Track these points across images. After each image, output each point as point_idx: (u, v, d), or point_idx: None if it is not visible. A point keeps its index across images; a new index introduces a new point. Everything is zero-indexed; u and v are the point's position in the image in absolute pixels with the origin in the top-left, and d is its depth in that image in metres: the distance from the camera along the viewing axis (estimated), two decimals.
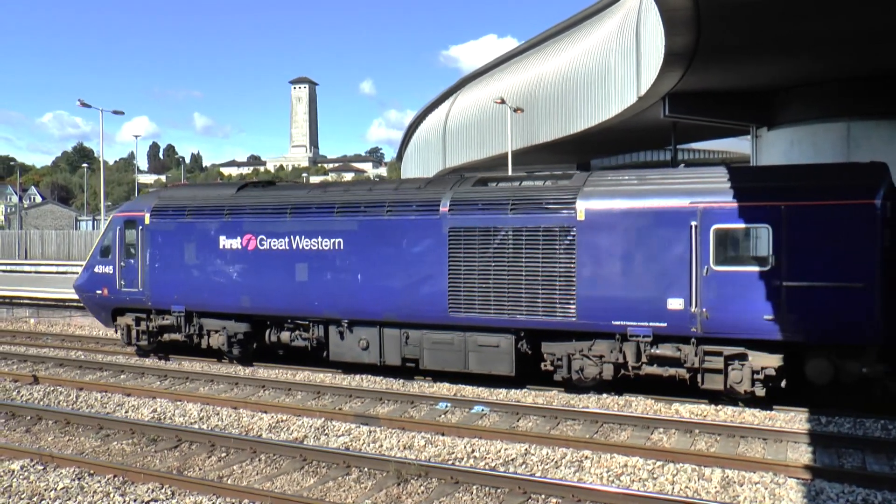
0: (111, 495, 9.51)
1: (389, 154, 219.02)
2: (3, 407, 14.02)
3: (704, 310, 13.13)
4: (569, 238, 14.08)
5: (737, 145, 46.16)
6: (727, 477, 9.89)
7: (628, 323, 13.73)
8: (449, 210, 15.16)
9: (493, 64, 53.10)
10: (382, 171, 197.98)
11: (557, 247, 14.19)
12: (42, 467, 10.59)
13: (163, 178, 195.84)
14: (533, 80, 43.40)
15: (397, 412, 13.78)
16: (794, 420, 12.81)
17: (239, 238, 17.28)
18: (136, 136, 73.87)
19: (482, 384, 15.48)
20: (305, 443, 11.71)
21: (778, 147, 27.32)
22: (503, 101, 40.10)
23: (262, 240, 17.01)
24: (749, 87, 25.83)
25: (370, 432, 12.16)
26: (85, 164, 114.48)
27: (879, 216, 12.19)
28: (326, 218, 16.39)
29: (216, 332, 18.08)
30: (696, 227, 13.19)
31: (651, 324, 13.55)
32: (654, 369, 13.88)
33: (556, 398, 14.55)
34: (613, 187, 14.19)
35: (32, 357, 19.47)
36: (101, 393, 15.48)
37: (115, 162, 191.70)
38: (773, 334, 12.78)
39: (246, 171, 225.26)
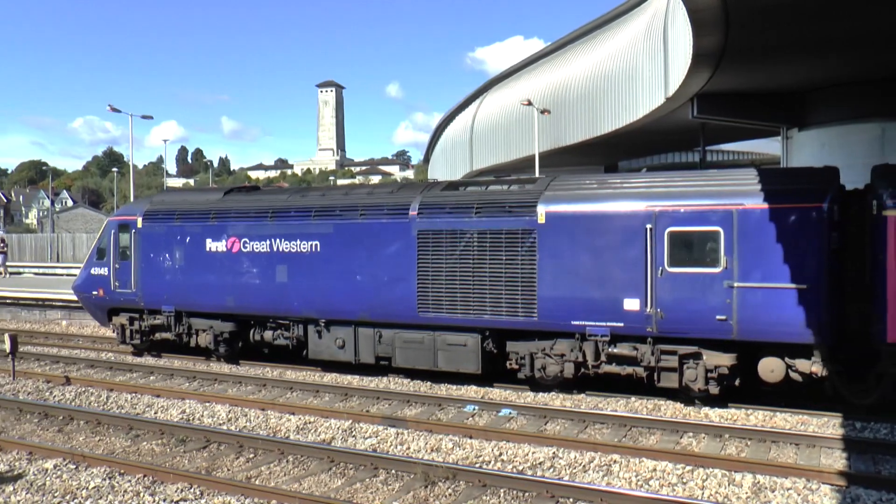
0: (141, 495, 9.59)
1: (416, 157, 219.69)
2: (36, 407, 14.21)
3: (659, 310, 13.45)
4: (530, 240, 14.48)
5: (767, 146, 45.74)
6: (758, 482, 9.75)
7: (587, 323, 14.08)
8: (418, 213, 15.61)
9: (519, 66, 52.99)
10: (409, 173, 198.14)
11: (519, 249, 14.59)
12: (74, 466, 10.71)
13: (191, 181, 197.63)
14: (560, 82, 43.26)
15: (425, 414, 13.77)
16: (827, 425, 12.62)
17: (224, 241, 17.91)
18: (165, 141, 74.98)
19: (450, 381, 15.94)
20: (333, 444, 11.72)
21: (809, 148, 27.02)
22: (530, 103, 40.03)
23: (245, 242, 17.62)
24: (779, 87, 25.58)
25: (397, 434, 12.16)
26: (115, 169, 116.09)
27: (826, 220, 12.46)
28: (304, 221, 16.95)
29: (204, 331, 18.66)
30: (651, 229, 13.51)
31: (609, 324, 13.90)
32: (613, 368, 14.24)
33: (583, 401, 14.46)
34: (573, 191, 14.61)
35: (64, 358, 19.72)
36: (131, 394, 15.64)
37: (145, 166, 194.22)
38: (725, 334, 13.08)
39: (273, 174, 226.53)
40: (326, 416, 13.42)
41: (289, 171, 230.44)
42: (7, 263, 40.50)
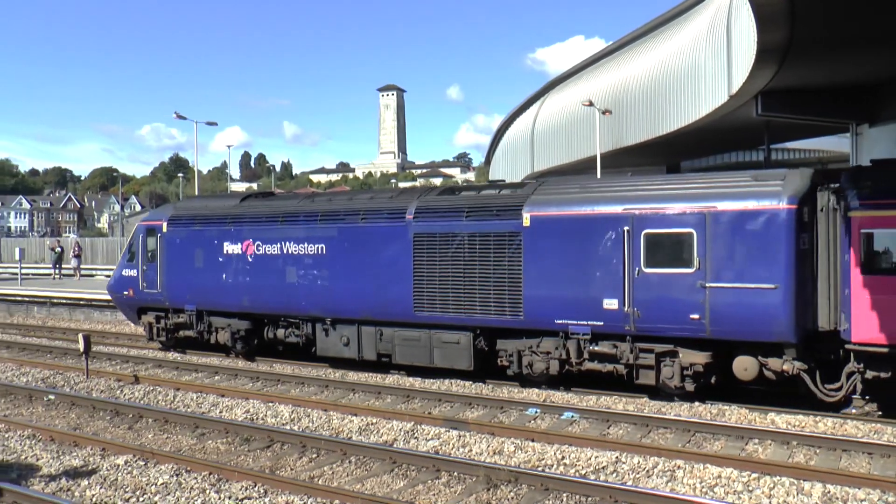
0: (207, 492, 9.78)
1: (477, 159, 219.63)
2: (108, 405, 14.64)
3: (636, 309, 13.91)
4: (516, 243, 15.10)
5: (835, 144, 44.38)
6: (829, 493, 9.46)
7: (569, 322, 14.63)
8: (414, 217, 16.40)
9: (580, 66, 52.58)
10: (470, 175, 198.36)
11: (506, 251, 15.22)
12: (143, 463, 11.00)
13: (254, 185, 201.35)
14: (621, 82, 42.79)
15: (486, 417, 13.74)
16: None
17: (240, 244, 19.01)
18: (229, 146, 76.16)
19: (445, 377, 16.61)
20: (395, 446, 11.78)
21: (882, 145, 26.15)
22: (591, 104, 39.69)
23: (258, 245, 18.71)
24: (848, 82, 24.81)
25: (459, 437, 12.16)
26: (180, 174, 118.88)
27: (794, 221, 12.72)
28: (312, 225, 17.92)
29: (222, 329, 19.78)
30: (628, 231, 14.01)
31: (589, 322, 14.42)
32: (595, 365, 14.75)
33: (646, 405, 14.26)
34: (556, 195, 15.18)
35: (134, 358, 20.27)
36: (196, 393, 15.98)
37: (209, 171, 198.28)
38: (699, 333, 13.47)
39: (335, 177, 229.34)
40: (388, 418, 13.49)
41: (350, 175, 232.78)
42: (81, 266, 41.79)
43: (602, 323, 14.31)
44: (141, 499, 9.62)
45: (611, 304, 14.18)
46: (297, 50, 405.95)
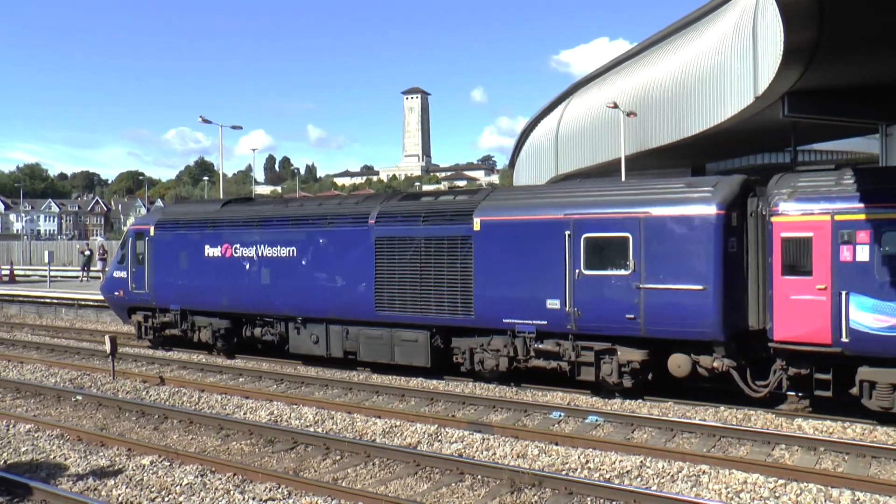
0: (231, 493, 9.83)
1: (501, 161, 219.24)
2: (134, 406, 14.77)
3: (577, 309, 14.68)
4: (467, 246, 15.96)
5: (864, 145, 43.79)
6: (858, 500, 9.33)
7: (516, 321, 15.43)
8: (375, 222, 17.34)
9: (605, 68, 52.38)
10: (495, 178, 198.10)
11: (458, 254, 16.08)
12: (168, 463, 11.08)
13: (278, 188, 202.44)
14: (646, 83, 42.56)
15: (510, 420, 13.70)
16: None
17: (219, 247, 20.10)
18: (254, 150, 76.90)
19: (405, 374, 17.43)
20: (419, 448, 11.77)
21: None
22: (616, 106, 39.53)
23: (236, 248, 19.76)
24: (877, 82, 24.42)
25: (483, 440, 12.13)
26: (206, 178, 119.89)
27: (721, 225, 13.41)
28: (284, 229, 18.93)
29: (204, 327, 20.80)
30: (569, 235, 14.81)
31: (534, 322, 15.21)
32: (540, 362, 15.51)
33: (671, 409, 14.15)
34: (505, 201, 16.13)
35: (159, 359, 20.45)
36: (221, 395, 16.08)
37: (234, 174, 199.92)
38: (635, 332, 14.19)
39: (359, 180, 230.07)
40: (412, 421, 13.49)
41: (374, 178, 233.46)
42: (107, 269, 42.24)
43: (546, 322, 15.08)
44: (166, 499, 9.69)
45: (553, 304, 14.93)
46: (321, 54, 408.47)
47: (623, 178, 38.78)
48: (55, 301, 32.36)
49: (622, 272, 14.24)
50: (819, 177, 13.44)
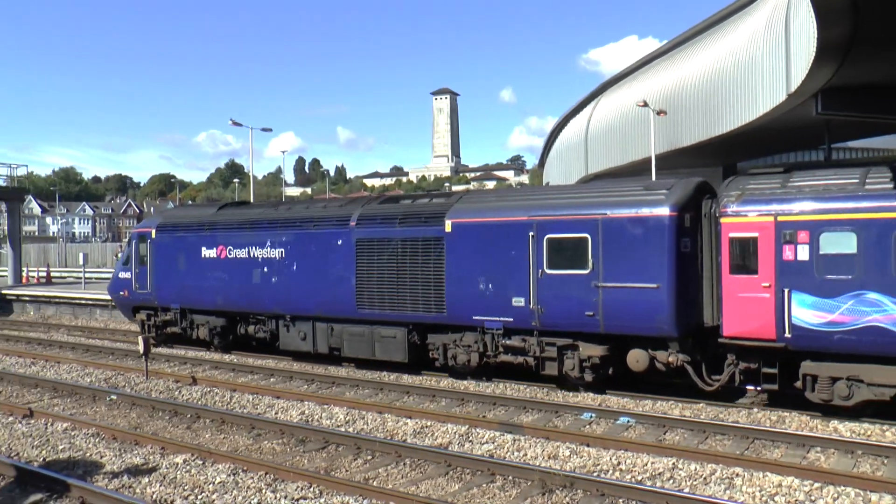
0: (263, 491, 9.90)
1: (531, 161, 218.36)
2: (167, 405, 14.94)
3: (540, 307, 15.36)
4: (439, 247, 16.72)
5: None
6: None
7: (485, 318, 16.17)
8: (356, 224, 18.20)
9: (634, 66, 52.02)
10: (524, 178, 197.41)
11: (432, 254, 16.83)
12: (201, 462, 11.18)
13: (308, 190, 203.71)
14: (676, 82, 42.22)
15: (541, 421, 13.65)
16: None
17: (215, 249, 21.09)
18: (283, 152, 77.45)
19: (385, 369, 18.24)
20: (450, 449, 11.77)
21: None
22: (645, 104, 39.25)
23: (230, 250, 20.71)
24: None
25: (514, 441, 12.10)
26: (236, 180, 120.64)
27: (674, 226, 14.00)
28: (273, 231, 19.82)
29: (202, 325, 21.84)
30: (533, 237, 15.50)
31: (501, 319, 15.92)
32: (508, 357, 16.16)
33: (703, 411, 14.01)
34: (474, 204, 16.89)
35: (191, 359, 20.67)
36: (252, 394, 16.21)
37: (264, 176, 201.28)
38: (594, 328, 14.84)
39: (389, 181, 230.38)
40: (443, 421, 13.50)
41: (404, 179, 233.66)
42: None
43: (512, 319, 15.78)
44: (199, 497, 9.78)
45: (519, 302, 15.62)
46: (350, 56, 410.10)
47: (654, 178, 38.44)
48: (90, 302, 32.84)
49: (582, 271, 14.89)
50: (766, 179, 13.94)
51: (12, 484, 10.47)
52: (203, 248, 21.32)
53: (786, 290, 13.03)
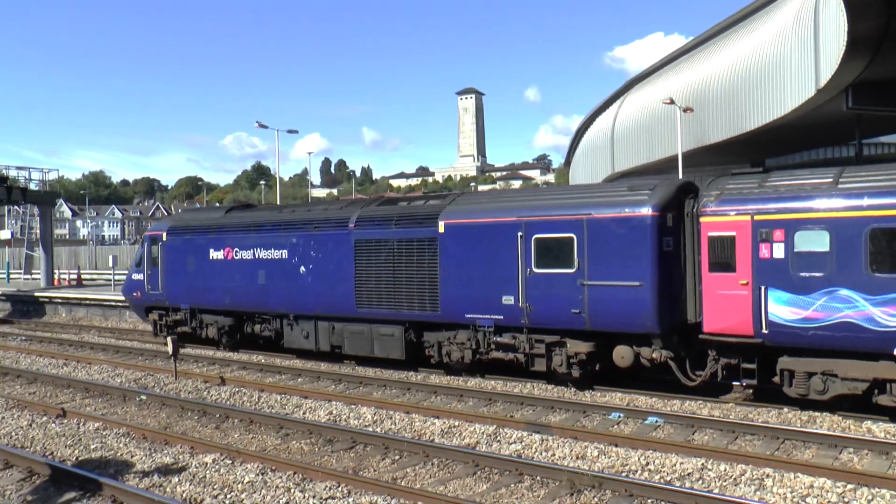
0: (292, 491, 9.94)
1: (557, 160, 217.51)
2: (196, 405, 15.07)
3: (529, 305, 15.74)
4: (433, 247, 17.21)
5: None
6: None
7: (477, 316, 16.59)
8: (355, 226, 18.76)
9: (660, 63, 51.74)
10: (550, 177, 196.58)
11: (426, 254, 17.33)
12: (230, 461, 11.26)
13: (334, 191, 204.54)
14: (703, 78, 41.90)
15: (569, 421, 13.60)
16: None
17: (222, 251, 21.74)
18: (309, 153, 77.12)
19: (382, 366, 18.87)
20: (477, 449, 11.75)
21: None
22: (672, 102, 38.98)
23: (236, 252, 21.37)
24: None
25: (542, 441, 12.06)
26: (262, 182, 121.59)
27: (657, 226, 14.31)
28: (276, 234, 20.44)
29: (211, 325, 22.54)
30: (521, 237, 15.90)
31: (492, 317, 16.34)
32: (499, 354, 16.55)
33: (732, 410, 13.88)
34: (466, 206, 17.30)
35: (220, 360, 20.83)
36: (280, 395, 16.29)
37: (290, 178, 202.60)
38: (580, 325, 15.18)
39: (414, 182, 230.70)
40: (471, 421, 13.49)
41: (430, 179, 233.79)
42: None
43: (502, 317, 16.19)
44: (228, 496, 9.85)
45: (508, 300, 16.03)
46: (374, 56, 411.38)
47: (680, 176, 38.15)
48: (120, 304, 33.19)
49: (568, 270, 15.27)
50: (745, 180, 14.27)
51: (47, 482, 10.62)
52: (211, 250, 22.03)
53: (762, 288, 13.33)
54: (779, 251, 13.20)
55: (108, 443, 12.60)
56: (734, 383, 14.52)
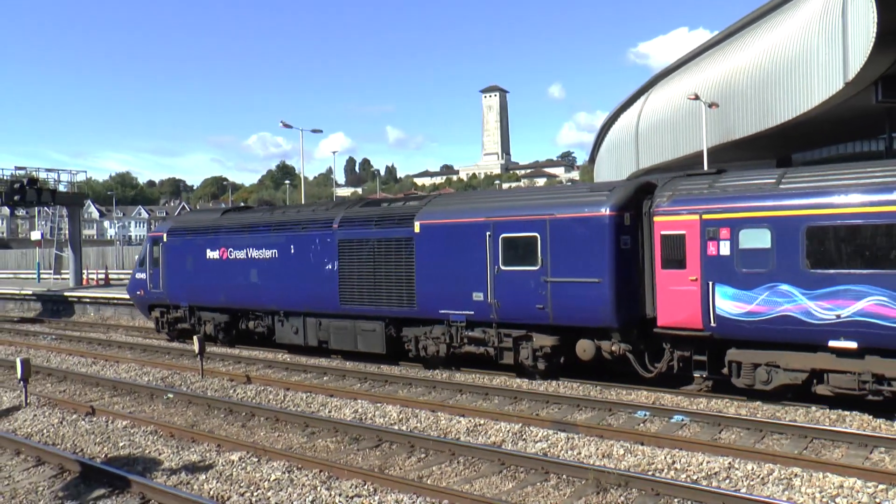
0: (318, 489, 9.98)
1: (581, 157, 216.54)
2: (222, 403, 15.18)
3: (497, 301, 16.54)
4: (410, 247, 18.07)
5: None
6: None
7: (450, 312, 17.45)
8: (338, 226, 19.69)
9: (685, 59, 51.32)
10: (575, 174, 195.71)
11: (403, 253, 18.22)
12: (256, 459, 11.32)
13: (359, 190, 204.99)
14: (728, 73, 41.50)
15: (595, 419, 13.54)
16: None
17: (218, 251, 22.81)
18: (334, 152, 77.70)
19: (364, 360, 19.78)
20: (503, 447, 11.71)
21: None
22: (697, 97, 38.66)
23: (231, 252, 22.41)
24: None
25: (568, 439, 12.00)
26: (287, 181, 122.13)
27: (614, 225, 15.04)
28: (267, 234, 21.47)
29: (208, 321, 23.63)
30: (489, 236, 16.70)
31: (464, 312, 17.18)
32: (471, 348, 17.45)
33: (759, 409, 13.74)
34: (440, 207, 18.14)
35: (245, 359, 20.97)
36: (306, 393, 16.37)
37: (315, 177, 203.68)
38: (544, 320, 15.96)
39: (439, 180, 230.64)
40: (496, 419, 13.46)
41: (454, 177, 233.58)
42: None
43: (473, 313, 17.02)
44: (255, 494, 9.91)
45: (478, 296, 16.85)
46: (398, 55, 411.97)
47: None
48: None
49: (532, 268, 16.03)
50: (696, 181, 14.94)
51: (77, 479, 10.76)
52: (208, 250, 23.07)
53: (710, 283, 14.00)
54: (725, 249, 13.85)
55: (136, 440, 12.74)
56: (695, 374, 14.96)
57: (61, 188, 42.70)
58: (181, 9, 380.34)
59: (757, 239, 13.52)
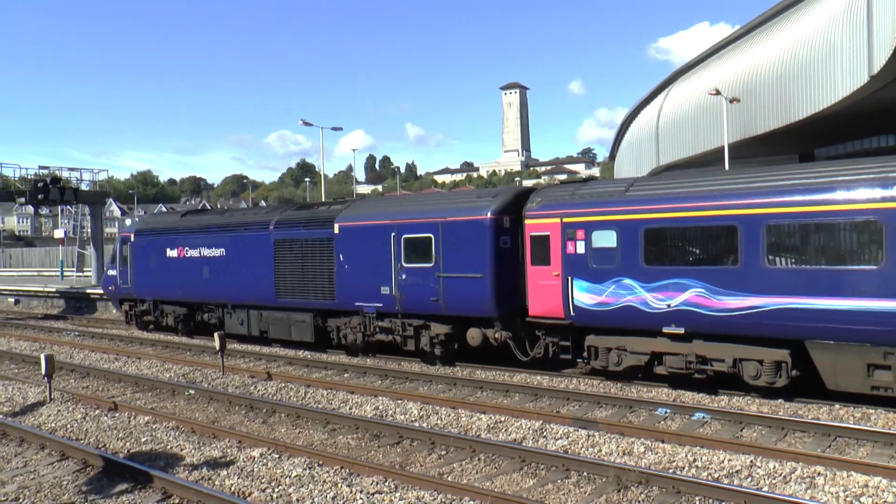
0: (339, 485, 10.02)
1: (601, 153, 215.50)
2: (243, 400, 15.26)
3: (400, 294, 18.62)
4: (331, 246, 20.26)
5: None
6: None
7: (363, 304, 19.56)
8: (274, 228, 22.04)
9: (706, 54, 50.90)
10: (595, 171, 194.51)
11: (326, 252, 20.38)
12: (277, 456, 11.38)
13: (379, 187, 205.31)
14: (749, 68, 41.13)
15: (615, 417, 13.49)
16: None
17: (176, 249, 25.22)
18: (354, 150, 77.97)
19: (299, 349, 22.10)
20: (524, 444, 11.70)
21: None
22: (718, 92, 38.37)
23: (187, 250, 24.83)
24: None
25: (588, 436, 11.97)
26: (307, 179, 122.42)
27: (493, 227, 17.08)
28: (216, 235, 23.88)
29: (169, 314, 26.04)
30: (394, 236, 18.78)
31: (374, 304, 19.28)
32: (382, 336, 19.55)
33: (781, 407, 13.62)
34: (356, 211, 20.30)
35: (266, 355, 21.09)
36: (326, 390, 16.43)
37: (335, 175, 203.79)
38: (439, 311, 18.06)
39: (459, 177, 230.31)
40: (517, 416, 13.45)
41: (474, 175, 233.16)
42: None
43: (382, 304, 19.08)
44: (276, 490, 9.96)
45: (386, 290, 18.90)
46: (418, 53, 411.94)
47: (727, 168, 37.59)
48: None
49: (428, 265, 18.07)
50: (562, 189, 17.16)
51: (100, 474, 10.86)
52: (168, 249, 25.47)
53: (569, 278, 16.04)
54: (581, 248, 15.86)
55: (157, 436, 12.84)
56: (579, 360, 16.77)
57: (83, 187, 43.02)
58: (202, 10, 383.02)
59: (606, 239, 15.50)
